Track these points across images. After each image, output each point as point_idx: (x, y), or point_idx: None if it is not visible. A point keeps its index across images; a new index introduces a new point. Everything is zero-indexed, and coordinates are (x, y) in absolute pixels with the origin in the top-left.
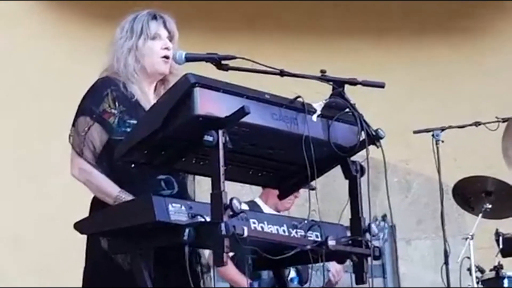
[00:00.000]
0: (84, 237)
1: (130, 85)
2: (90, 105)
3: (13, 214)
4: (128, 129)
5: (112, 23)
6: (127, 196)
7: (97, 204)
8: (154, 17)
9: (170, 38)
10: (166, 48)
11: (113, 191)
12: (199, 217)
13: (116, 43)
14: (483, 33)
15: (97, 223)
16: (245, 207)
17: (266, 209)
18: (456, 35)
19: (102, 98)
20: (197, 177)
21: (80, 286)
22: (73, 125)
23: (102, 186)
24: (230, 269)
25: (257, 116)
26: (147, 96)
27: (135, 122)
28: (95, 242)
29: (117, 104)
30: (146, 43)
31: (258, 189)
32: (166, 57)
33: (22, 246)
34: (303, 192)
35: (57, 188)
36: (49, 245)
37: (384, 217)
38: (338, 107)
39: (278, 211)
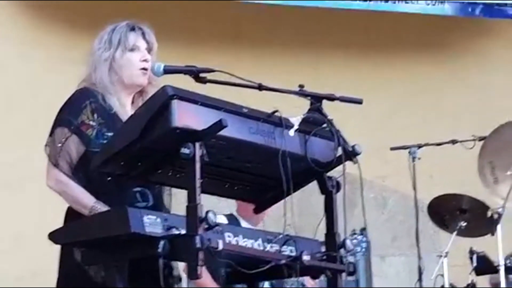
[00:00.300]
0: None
1: (109, 97)
2: (68, 116)
3: None
4: (105, 142)
5: (89, 32)
6: (102, 207)
7: (71, 214)
8: (133, 29)
9: (149, 50)
10: (145, 60)
11: (88, 202)
12: (174, 229)
13: (94, 53)
14: (463, 50)
15: (72, 234)
16: (223, 219)
17: (244, 223)
18: (436, 52)
19: (80, 109)
20: (173, 189)
21: None
22: (50, 135)
23: (77, 197)
24: (206, 280)
25: (234, 130)
26: (125, 108)
27: (111, 134)
28: (68, 253)
29: (95, 116)
30: (124, 55)
31: (234, 203)
32: (145, 69)
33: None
34: (277, 207)
35: (33, 198)
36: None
37: (362, 231)
38: (316, 122)
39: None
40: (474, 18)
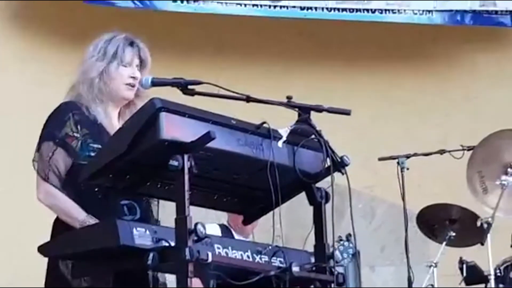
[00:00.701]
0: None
1: (94, 108)
2: (53, 129)
3: None
4: (92, 153)
5: (80, 46)
6: (93, 221)
7: (59, 226)
8: (131, 44)
9: (143, 67)
10: (133, 77)
11: (79, 215)
12: (163, 241)
13: (86, 61)
14: (451, 60)
15: (61, 246)
16: (216, 228)
17: (235, 234)
18: (423, 62)
19: (64, 122)
20: (162, 201)
21: None
22: (37, 150)
23: (68, 210)
24: None
25: (222, 142)
26: (111, 119)
27: (98, 146)
28: (53, 266)
29: (79, 127)
30: (117, 68)
31: (223, 214)
32: (131, 85)
33: None
34: (265, 218)
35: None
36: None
37: (348, 237)
38: (304, 134)
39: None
40: (461, 27)
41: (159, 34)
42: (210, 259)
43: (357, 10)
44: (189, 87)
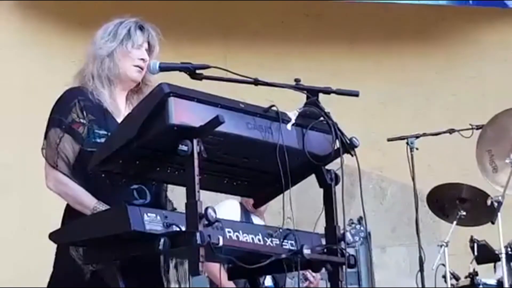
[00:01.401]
0: None
1: (100, 91)
2: (59, 116)
3: None
4: (98, 139)
5: (88, 32)
6: (103, 207)
7: (70, 213)
8: (141, 28)
9: (150, 52)
10: (142, 59)
11: (90, 202)
12: (174, 226)
13: (95, 43)
14: (457, 40)
15: (72, 233)
16: (237, 204)
17: (253, 214)
18: (430, 42)
19: (70, 108)
20: (172, 186)
21: None
22: (45, 137)
23: (79, 197)
24: (224, 279)
25: (231, 125)
26: (117, 103)
27: (104, 132)
28: (63, 251)
29: (85, 113)
30: (128, 49)
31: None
32: (140, 67)
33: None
34: (276, 201)
35: (33, 200)
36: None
37: (360, 220)
38: (313, 116)
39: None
40: (469, 7)
41: (166, 19)
42: (221, 243)
43: None
44: (197, 71)
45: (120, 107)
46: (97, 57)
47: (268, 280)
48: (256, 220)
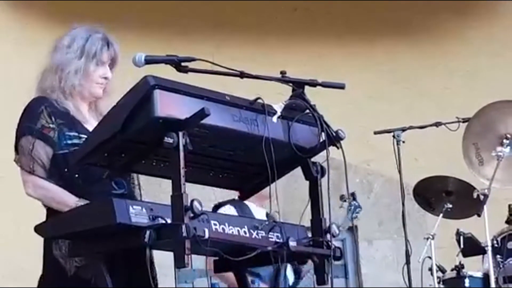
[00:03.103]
0: None
1: (63, 101)
2: (28, 124)
3: None
4: (69, 141)
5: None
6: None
7: (52, 211)
8: (108, 45)
9: (112, 65)
10: (105, 78)
11: (71, 200)
12: (160, 219)
13: (62, 54)
14: (444, 33)
15: (58, 226)
16: (232, 209)
17: (252, 205)
18: (417, 35)
19: (37, 115)
20: (158, 178)
21: None
22: (16, 148)
23: (59, 198)
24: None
25: (217, 118)
26: (81, 112)
27: (75, 133)
28: (48, 250)
29: (53, 118)
30: (94, 69)
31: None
32: (102, 83)
33: None
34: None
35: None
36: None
37: (352, 195)
38: (299, 108)
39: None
40: (459, 1)
41: (154, 13)
42: (207, 236)
43: None
44: (183, 64)
45: (85, 115)
46: (60, 70)
47: (289, 271)
48: (256, 211)
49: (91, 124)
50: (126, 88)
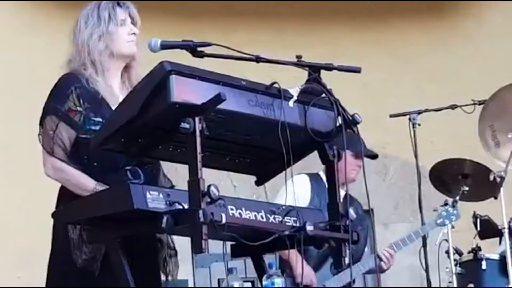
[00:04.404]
0: None
1: (95, 79)
2: (55, 104)
3: None
4: (94, 127)
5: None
6: (104, 188)
7: (64, 195)
8: (118, 4)
9: (134, 24)
10: (133, 34)
11: (90, 184)
12: (177, 204)
13: (82, 32)
14: (457, 14)
15: (75, 212)
16: (306, 178)
17: None
18: (430, 17)
19: (66, 96)
20: (175, 164)
21: None
22: (41, 125)
23: (78, 181)
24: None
25: (233, 103)
26: (112, 89)
27: (100, 119)
28: (57, 233)
29: (81, 101)
30: (116, 29)
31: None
32: (132, 41)
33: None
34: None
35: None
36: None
37: (454, 203)
38: (315, 93)
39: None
40: None
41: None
42: (224, 221)
43: None
44: (199, 49)
45: (116, 91)
46: (86, 44)
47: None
48: None
49: None
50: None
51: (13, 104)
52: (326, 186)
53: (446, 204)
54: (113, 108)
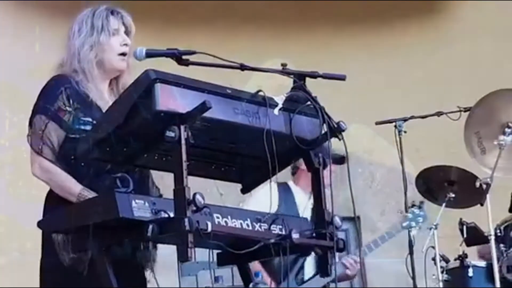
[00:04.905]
0: None
1: (85, 83)
2: (45, 103)
3: None
4: (83, 127)
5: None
6: (89, 194)
7: (51, 200)
8: (112, 12)
9: (127, 33)
10: (125, 44)
11: (75, 189)
12: (162, 213)
13: (75, 38)
14: (444, 21)
15: (61, 221)
16: (274, 186)
17: (297, 190)
18: (417, 24)
19: (56, 96)
20: (160, 172)
21: None
22: (30, 125)
23: (64, 184)
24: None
25: (218, 111)
26: (102, 93)
27: (89, 119)
28: (46, 241)
29: (71, 101)
30: (108, 39)
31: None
32: (124, 54)
33: None
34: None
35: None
36: None
37: (421, 204)
38: (300, 100)
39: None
40: None
41: (153, 4)
42: (209, 229)
43: None
44: (183, 57)
45: (105, 97)
46: (77, 52)
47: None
48: (299, 197)
49: None
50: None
51: None
52: (294, 195)
53: (413, 206)
54: (103, 111)
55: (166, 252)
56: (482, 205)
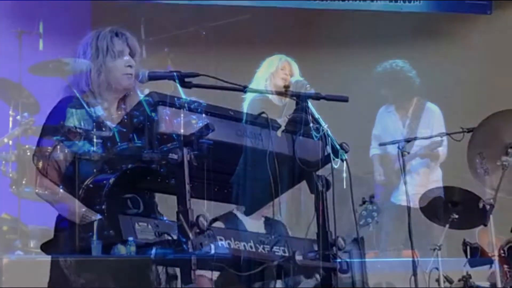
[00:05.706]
0: None
1: (94, 103)
2: (55, 124)
3: None
4: (92, 148)
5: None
6: (93, 216)
7: (61, 222)
8: (117, 34)
9: (132, 55)
10: (129, 66)
11: (79, 211)
12: (165, 235)
13: (79, 60)
14: (447, 44)
15: (63, 244)
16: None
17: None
18: (420, 46)
19: (65, 117)
20: (163, 195)
21: None
22: (38, 144)
23: (68, 206)
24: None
25: (221, 133)
26: (110, 114)
27: (99, 141)
28: (55, 263)
29: (82, 123)
30: (113, 61)
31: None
32: (129, 73)
33: None
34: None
35: None
36: None
37: (371, 198)
38: (303, 122)
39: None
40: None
41: (153, 25)
42: (213, 251)
43: None
44: (186, 80)
45: (113, 115)
46: (85, 74)
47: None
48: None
49: None
50: None
51: None
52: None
53: (364, 203)
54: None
55: None
56: (485, 226)
